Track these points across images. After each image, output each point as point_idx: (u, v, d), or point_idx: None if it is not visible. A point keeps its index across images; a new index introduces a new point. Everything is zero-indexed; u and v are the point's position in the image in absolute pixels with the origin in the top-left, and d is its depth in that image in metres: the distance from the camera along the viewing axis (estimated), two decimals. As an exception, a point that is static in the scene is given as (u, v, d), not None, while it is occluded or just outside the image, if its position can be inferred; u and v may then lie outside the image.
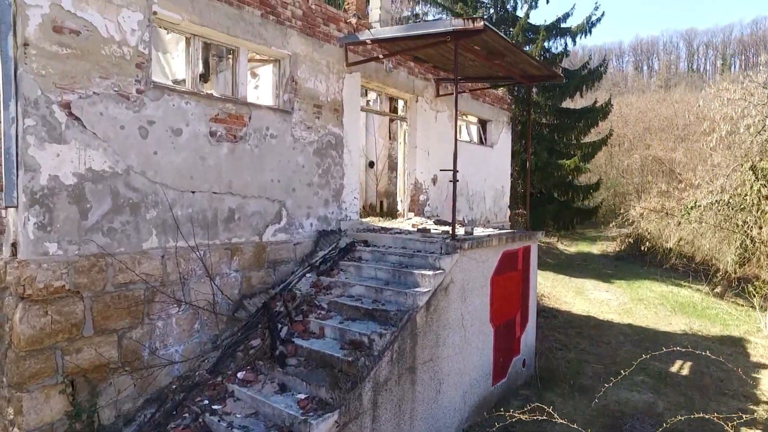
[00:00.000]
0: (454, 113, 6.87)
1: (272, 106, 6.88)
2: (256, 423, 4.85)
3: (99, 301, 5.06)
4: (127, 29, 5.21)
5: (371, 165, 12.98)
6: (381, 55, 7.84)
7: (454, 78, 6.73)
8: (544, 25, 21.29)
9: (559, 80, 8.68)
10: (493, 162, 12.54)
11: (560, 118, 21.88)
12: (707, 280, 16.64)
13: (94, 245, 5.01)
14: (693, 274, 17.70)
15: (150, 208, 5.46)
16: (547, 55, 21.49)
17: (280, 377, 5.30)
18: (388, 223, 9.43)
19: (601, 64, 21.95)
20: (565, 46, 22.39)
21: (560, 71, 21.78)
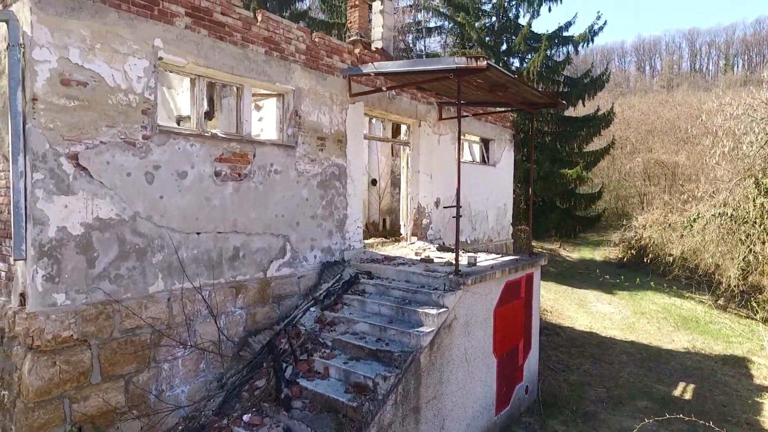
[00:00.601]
0: (458, 147, 6.91)
1: (276, 142, 6.91)
2: (262, 470, 4.90)
3: (106, 348, 5.12)
4: (134, 77, 5.25)
5: (374, 183, 12.97)
6: (384, 87, 7.85)
7: (458, 115, 6.76)
8: (547, 34, 21.24)
9: (561, 107, 8.69)
10: (496, 180, 12.55)
11: (562, 126, 21.85)
12: (710, 291, 16.63)
13: (101, 293, 5.06)
14: (696, 286, 17.70)
15: (156, 252, 5.51)
16: (550, 63, 21.47)
17: (285, 421, 5.34)
18: (391, 247, 9.47)
19: (603, 73, 21.93)
20: (568, 54, 22.43)
21: (563, 79, 22.05)
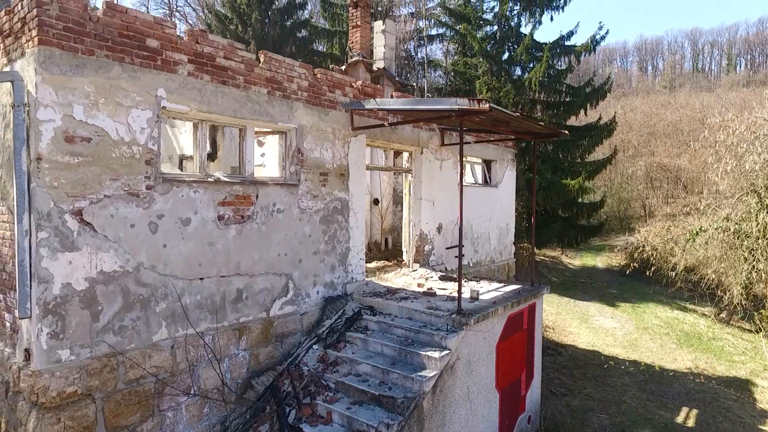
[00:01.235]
0: (460, 182, 6.91)
1: (279, 180, 6.92)
2: None
3: (110, 401, 5.14)
4: (137, 128, 5.26)
5: (376, 203, 12.96)
6: (386, 123, 7.86)
7: (460, 153, 6.77)
8: (549, 43, 21.19)
9: (564, 137, 8.68)
10: (498, 201, 12.54)
11: (564, 136, 21.80)
12: (713, 303, 16.62)
13: (106, 346, 5.09)
14: (699, 298, 17.70)
15: (160, 301, 5.53)
16: (551, 72, 21.44)
17: (289, 470, 5.37)
18: (393, 274, 9.48)
19: (606, 82, 21.87)
20: (569, 63, 22.38)
21: (564, 88, 22.01)
